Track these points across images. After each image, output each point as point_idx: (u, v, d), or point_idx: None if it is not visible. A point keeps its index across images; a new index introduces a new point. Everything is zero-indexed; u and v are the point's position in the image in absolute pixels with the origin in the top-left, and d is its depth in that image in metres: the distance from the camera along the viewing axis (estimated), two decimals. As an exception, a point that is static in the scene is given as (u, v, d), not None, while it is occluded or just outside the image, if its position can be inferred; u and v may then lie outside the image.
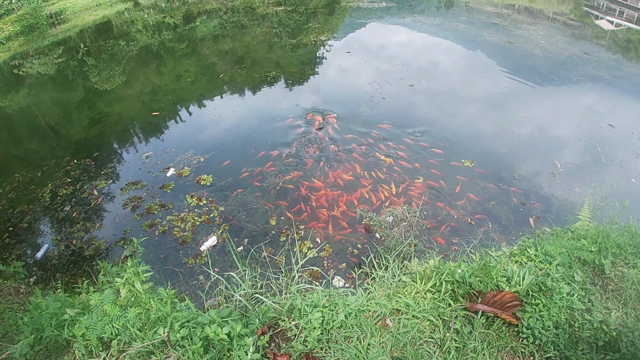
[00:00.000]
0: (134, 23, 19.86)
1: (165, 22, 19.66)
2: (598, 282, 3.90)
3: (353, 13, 21.02)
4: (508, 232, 6.63)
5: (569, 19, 23.72)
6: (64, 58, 15.67)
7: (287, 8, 21.23)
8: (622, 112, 11.42)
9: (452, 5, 24.36)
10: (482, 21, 20.42)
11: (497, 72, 13.48)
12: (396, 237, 5.80)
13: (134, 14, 21.68)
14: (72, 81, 13.77)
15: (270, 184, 7.57)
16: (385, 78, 12.31)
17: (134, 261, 3.54)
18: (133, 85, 12.44)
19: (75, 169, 8.29)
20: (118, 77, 13.16)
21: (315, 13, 20.84)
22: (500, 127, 10.01)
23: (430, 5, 24.11)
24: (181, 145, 8.92)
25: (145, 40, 17.33)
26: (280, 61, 14.18)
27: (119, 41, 17.22)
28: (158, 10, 21.91)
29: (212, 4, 22.70)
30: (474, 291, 3.27)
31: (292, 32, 17.12)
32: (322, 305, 3.16)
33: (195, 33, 18.14)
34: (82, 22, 20.30)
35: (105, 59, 15.21)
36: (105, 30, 19.26)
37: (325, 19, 19.90)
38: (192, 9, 21.84)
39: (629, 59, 17.98)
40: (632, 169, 8.60)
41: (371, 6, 21.98)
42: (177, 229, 6.62)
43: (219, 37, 17.35)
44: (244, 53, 15.16)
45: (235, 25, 19.10)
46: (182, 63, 14.46)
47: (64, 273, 6.02)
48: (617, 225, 5.13)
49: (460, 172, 8.09)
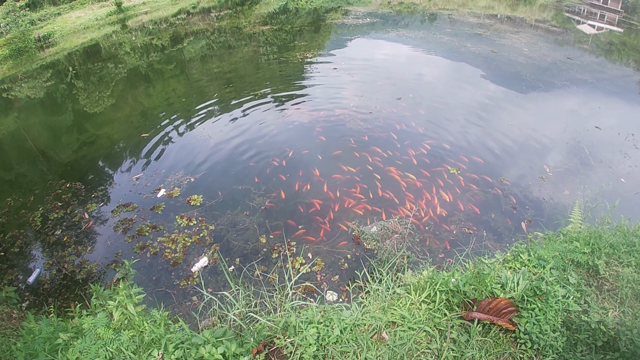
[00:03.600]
0: (122, 45, 19.94)
1: (153, 44, 19.76)
2: (593, 283, 3.90)
3: (338, 30, 21.26)
4: (501, 239, 6.65)
5: (551, 26, 24.17)
6: (53, 81, 15.66)
7: (274, 27, 21.46)
8: (607, 114, 11.58)
9: (436, 18, 24.75)
10: (465, 32, 20.74)
11: (482, 82, 13.66)
12: (388, 249, 5.80)
13: (122, 36, 21.78)
14: (61, 104, 13.74)
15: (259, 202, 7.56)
16: (372, 92, 12.41)
17: (126, 284, 3.50)
18: (122, 108, 12.42)
19: (66, 193, 8.22)
20: (107, 100, 13.15)
21: (302, 31, 21.07)
22: (486, 135, 10.09)
23: (414, 19, 24.49)
24: (171, 166, 8.90)
25: (133, 62, 17.39)
26: (268, 79, 14.28)
27: (107, 63, 17.26)
28: (146, 33, 22.02)
29: (199, 25, 22.89)
30: (469, 299, 3.26)
31: (279, 51, 17.28)
32: (317, 321, 3.12)
33: (183, 54, 18.25)
34: (70, 45, 20.35)
35: (94, 81, 15.22)
36: (93, 52, 19.31)
37: (311, 36, 20.11)
38: (180, 31, 21.98)
39: (612, 61, 18.30)
40: (621, 169, 8.69)
41: (356, 22, 22.27)
42: (168, 250, 6.56)
43: (207, 57, 17.46)
44: (231, 72, 15.24)
45: (223, 45, 19.24)
46: (171, 84, 14.51)
47: (56, 297, 5.94)
48: (609, 225, 5.16)
49: (448, 181, 8.15)
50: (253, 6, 28.10)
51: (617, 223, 5.17)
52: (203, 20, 24.24)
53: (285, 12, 25.94)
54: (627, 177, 8.45)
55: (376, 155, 8.95)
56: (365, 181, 8.13)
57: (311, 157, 9.03)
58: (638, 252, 4.16)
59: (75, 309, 3.71)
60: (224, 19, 24.16)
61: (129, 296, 3.38)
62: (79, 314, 3.54)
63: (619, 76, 15.74)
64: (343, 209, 7.40)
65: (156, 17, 25.31)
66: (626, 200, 7.64)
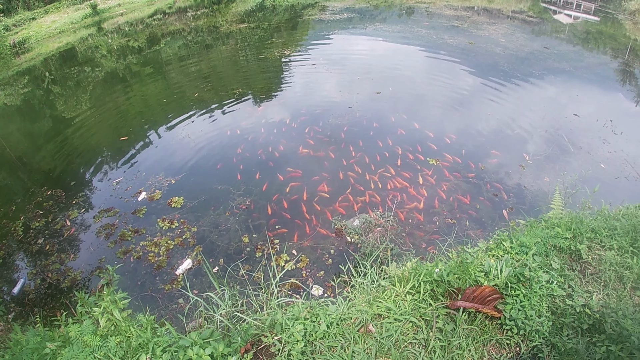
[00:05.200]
0: (98, 48, 19.58)
1: (130, 46, 19.45)
2: (576, 268, 3.95)
3: (316, 26, 21.22)
4: (484, 228, 6.72)
5: (527, 16, 24.48)
6: (30, 88, 15.31)
7: (251, 25, 21.31)
8: (585, 101, 11.80)
9: (413, 12, 24.87)
10: (442, 25, 20.89)
11: (460, 73, 13.79)
12: (372, 242, 5.82)
13: (98, 39, 21.39)
14: (39, 111, 13.44)
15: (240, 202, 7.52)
16: (352, 87, 12.42)
17: (111, 289, 3.47)
18: (100, 111, 12.19)
19: (47, 200, 8.05)
20: (85, 104, 12.90)
21: (279, 28, 20.98)
22: (465, 125, 10.21)
23: (391, 13, 24.57)
24: (151, 169, 8.78)
25: (110, 65, 17.09)
26: (247, 77, 14.19)
27: (84, 67, 16.93)
28: (122, 34, 21.67)
29: (176, 25, 22.61)
30: (454, 289, 3.27)
31: (257, 49, 17.16)
32: (304, 318, 3.11)
33: (160, 55, 18.00)
34: (46, 50, 19.92)
35: (71, 86, 14.93)
36: (69, 57, 18.92)
37: (289, 33, 20.04)
38: (156, 31, 21.68)
39: (589, 50, 18.63)
40: (600, 155, 8.86)
41: (333, 18, 22.25)
42: (151, 254, 6.47)
43: (185, 57, 17.25)
44: (210, 72, 15.10)
45: (200, 45, 19.04)
46: (149, 86, 14.30)
47: (42, 307, 5.84)
48: (590, 210, 5.24)
49: (428, 172, 8.21)
50: (230, 4, 27.88)
51: (598, 208, 5.26)
52: (179, 20, 23.94)
53: (262, 9, 25.78)
54: (607, 162, 8.61)
55: (357, 149, 8.98)
56: (347, 175, 8.13)
57: (292, 153, 9.01)
58: (619, 236, 4.23)
59: (62, 317, 3.68)
60: (201, 18, 23.91)
61: (114, 302, 3.36)
62: (65, 323, 3.51)
63: (596, 64, 16.04)
64: (325, 204, 7.40)
65: (132, 18, 24.93)
66: (606, 185, 7.79)
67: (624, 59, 17.25)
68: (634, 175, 8.21)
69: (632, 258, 3.96)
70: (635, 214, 5.19)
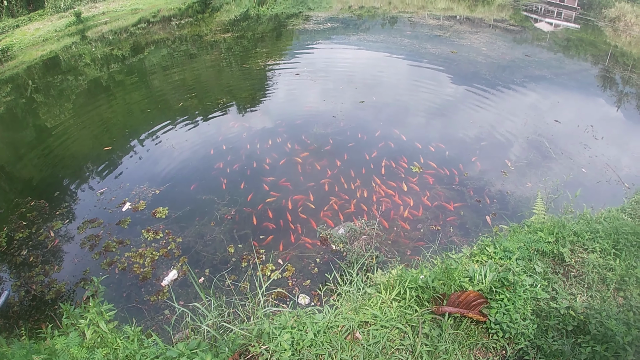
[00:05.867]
0: (82, 57, 19.36)
1: (114, 55, 19.28)
2: (560, 271, 4.03)
3: (300, 35, 21.30)
4: (467, 234, 6.80)
5: (509, 25, 24.96)
6: (12, 96, 15.03)
7: (235, 34, 21.31)
8: (566, 107, 12.06)
9: (396, 21, 25.16)
10: (425, 34, 21.17)
11: (443, 82, 13.99)
12: (357, 250, 5.85)
13: (82, 47, 21.14)
14: (21, 120, 13.20)
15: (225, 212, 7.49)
16: (335, 96, 12.48)
17: (97, 301, 3.45)
18: (84, 121, 12.03)
19: (31, 211, 7.91)
20: (68, 113, 12.73)
21: (263, 38, 21.02)
22: (448, 133, 10.35)
23: (374, 23, 24.81)
24: (136, 179, 8.68)
25: (94, 74, 16.90)
26: (231, 87, 14.16)
27: (67, 76, 16.71)
28: (106, 43, 21.46)
29: (160, 34, 22.48)
30: (439, 294, 3.31)
31: (241, 58, 17.16)
32: (291, 326, 3.12)
33: (144, 64, 17.88)
34: (29, 58, 19.61)
35: (55, 95, 14.71)
36: (53, 65, 18.67)
37: (273, 43, 20.08)
38: (140, 40, 21.53)
39: (570, 57, 19.06)
40: (581, 160, 9.05)
41: (317, 27, 22.38)
42: (136, 265, 6.40)
43: (169, 66, 17.15)
44: (194, 81, 15.02)
45: (184, 53, 18.97)
46: (133, 95, 14.17)
47: (27, 319, 5.71)
48: (572, 214, 5.35)
49: (411, 179, 8.30)
50: (214, 14, 27.85)
51: (580, 212, 5.37)
52: (164, 29, 23.80)
53: (246, 19, 25.81)
54: (588, 167, 8.80)
55: (341, 158, 9.01)
56: (331, 184, 8.17)
57: (276, 163, 9.00)
58: (602, 238, 4.33)
59: (47, 329, 3.63)
60: (185, 27, 23.82)
61: (100, 313, 3.34)
62: (51, 335, 3.49)
63: (577, 71, 16.42)
64: (310, 213, 7.41)
65: (116, 27, 24.72)
66: (588, 189, 7.96)
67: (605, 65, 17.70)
68: (615, 178, 8.41)
69: (614, 260, 4.05)
70: (617, 216, 5.32)
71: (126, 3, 28.22)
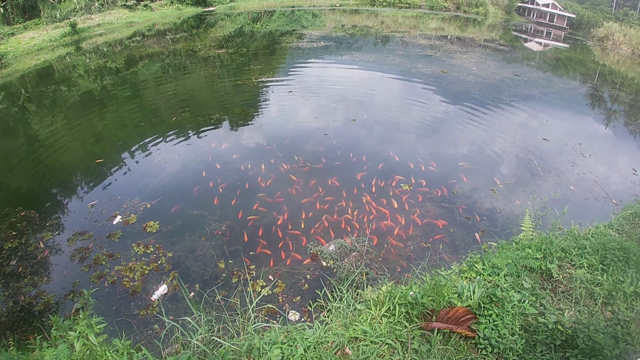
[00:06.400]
0: (76, 68, 19.39)
1: (108, 67, 19.34)
2: (547, 286, 4.08)
3: (293, 53, 21.56)
4: (457, 251, 6.85)
5: (499, 45, 25.46)
6: (5, 104, 14.95)
7: (229, 50, 21.50)
8: (554, 126, 12.28)
9: (388, 40, 25.57)
10: (416, 54, 21.53)
11: (433, 101, 14.22)
12: (347, 267, 5.88)
13: (76, 58, 21.19)
14: (13, 129, 13.13)
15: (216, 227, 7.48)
16: (327, 114, 12.61)
17: (86, 313, 3.42)
18: (76, 132, 12.00)
19: (21, 221, 7.83)
20: (60, 124, 12.69)
21: (257, 54, 21.23)
22: (438, 151, 10.50)
23: (367, 42, 25.21)
24: (127, 192, 8.64)
25: (87, 85, 16.91)
26: (224, 103, 14.26)
27: (60, 86, 16.70)
28: (100, 55, 21.52)
29: (154, 48, 22.62)
30: (428, 310, 3.34)
31: (235, 74, 17.30)
32: (281, 342, 3.12)
33: (137, 77, 17.94)
34: (23, 67, 19.58)
35: (47, 105, 14.68)
36: (46, 75, 18.66)
37: (267, 60, 20.28)
38: (134, 53, 21.64)
39: (558, 76, 19.45)
40: (570, 177, 9.20)
41: (310, 46, 22.67)
42: (126, 279, 6.34)
43: (162, 80, 17.23)
44: (187, 96, 15.09)
45: (178, 68, 19.09)
46: (125, 108, 14.17)
47: (15, 330, 5.63)
48: (560, 230, 5.44)
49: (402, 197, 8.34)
50: (209, 29, 28.13)
51: (568, 228, 5.46)
52: (158, 43, 23.96)
53: (240, 35, 26.08)
54: (576, 184, 8.95)
55: (332, 176, 9.05)
56: (322, 201, 8.19)
57: (268, 179, 9.01)
58: (589, 254, 4.41)
59: (36, 341, 3.59)
60: (180, 41, 24.01)
61: (89, 326, 3.32)
62: (40, 346, 3.44)
63: (566, 89, 16.77)
64: (301, 229, 7.42)
65: (111, 39, 24.85)
66: (576, 206, 8.09)
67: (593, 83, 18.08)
68: (603, 195, 8.55)
69: (602, 275, 4.12)
70: (605, 232, 5.42)
71: (122, 16, 28.41)
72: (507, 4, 42.32)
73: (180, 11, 32.38)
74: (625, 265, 4.27)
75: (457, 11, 40.24)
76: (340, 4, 40.28)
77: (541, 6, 39.96)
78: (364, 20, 33.26)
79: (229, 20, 31.47)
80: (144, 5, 30.38)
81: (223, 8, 34.84)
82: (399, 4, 40.90)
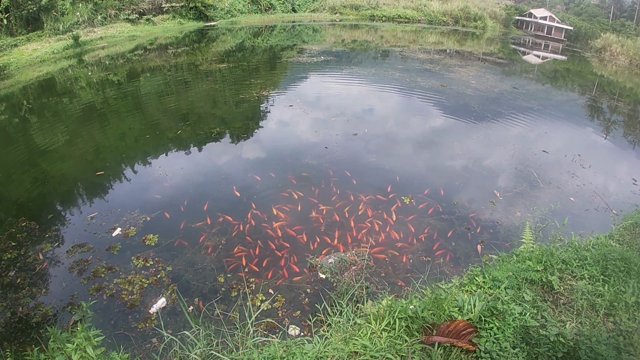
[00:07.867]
0: (78, 80, 19.53)
1: (109, 79, 19.49)
2: (549, 299, 4.06)
3: (294, 67, 21.75)
4: (457, 264, 6.81)
5: (498, 58, 25.68)
6: (7, 115, 15.04)
7: (230, 65, 21.69)
8: (554, 137, 12.34)
9: (388, 55, 25.79)
10: (416, 68, 21.72)
11: (432, 115, 14.33)
12: (347, 281, 5.85)
13: (78, 70, 21.36)
14: (14, 140, 13.17)
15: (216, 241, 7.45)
16: (328, 128, 12.66)
17: (84, 326, 3.41)
18: (77, 144, 12.05)
19: (21, 232, 7.81)
20: (61, 136, 12.74)
21: (258, 69, 21.41)
22: (438, 164, 10.53)
23: (367, 56, 25.42)
24: (127, 205, 8.62)
25: (89, 98, 17.01)
26: (224, 117, 14.33)
27: (62, 98, 16.80)
28: (102, 68, 21.71)
29: (156, 62, 22.82)
30: (428, 324, 3.32)
31: (236, 88, 17.41)
32: (280, 356, 3.10)
33: (139, 90, 18.06)
34: (25, 78, 19.73)
35: (49, 116, 14.75)
36: (48, 86, 18.78)
37: (267, 74, 20.45)
38: (136, 66, 21.83)
39: (557, 88, 19.58)
40: (569, 188, 9.21)
41: (311, 60, 22.87)
42: (125, 292, 6.30)
43: (163, 94, 17.33)
44: (188, 109, 15.16)
45: (179, 82, 19.22)
46: (126, 120, 14.24)
47: (12, 342, 5.56)
48: (561, 242, 5.42)
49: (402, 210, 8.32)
50: (210, 44, 28.41)
51: (569, 240, 5.45)
52: (160, 56, 24.18)
53: (241, 49, 26.33)
54: (576, 195, 8.95)
55: (333, 189, 9.05)
56: (322, 215, 8.17)
57: (268, 193, 8.99)
58: (590, 265, 4.39)
59: (33, 352, 3.57)
60: (181, 55, 24.24)
61: (87, 338, 3.30)
62: (37, 358, 3.42)
63: (564, 101, 16.88)
64: (301, 243, 7.38)
65: (113, 52, 25.08)
66: (576, 217, 8.08)
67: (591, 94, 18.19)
68: (603, 206, 8.55)
69: (603, 286, 4.10)
70: (605, 243, 5.40)
71: (124, 29, 28.71)
72: (505, 17, 42.85)
73: (182, 25, 32.72)
74: (627, 275, 4.26)
75: (456, 25, 40.70)
76: (341, 19, 40.73)
77: (539, 19, 40.46)
78: (364, 35, 33.61)
79: (230, 34, 31.80)
80: (146, 19, 30.71)
81: (224, 23, 35.22)
82: (398, 18, 41.40)
